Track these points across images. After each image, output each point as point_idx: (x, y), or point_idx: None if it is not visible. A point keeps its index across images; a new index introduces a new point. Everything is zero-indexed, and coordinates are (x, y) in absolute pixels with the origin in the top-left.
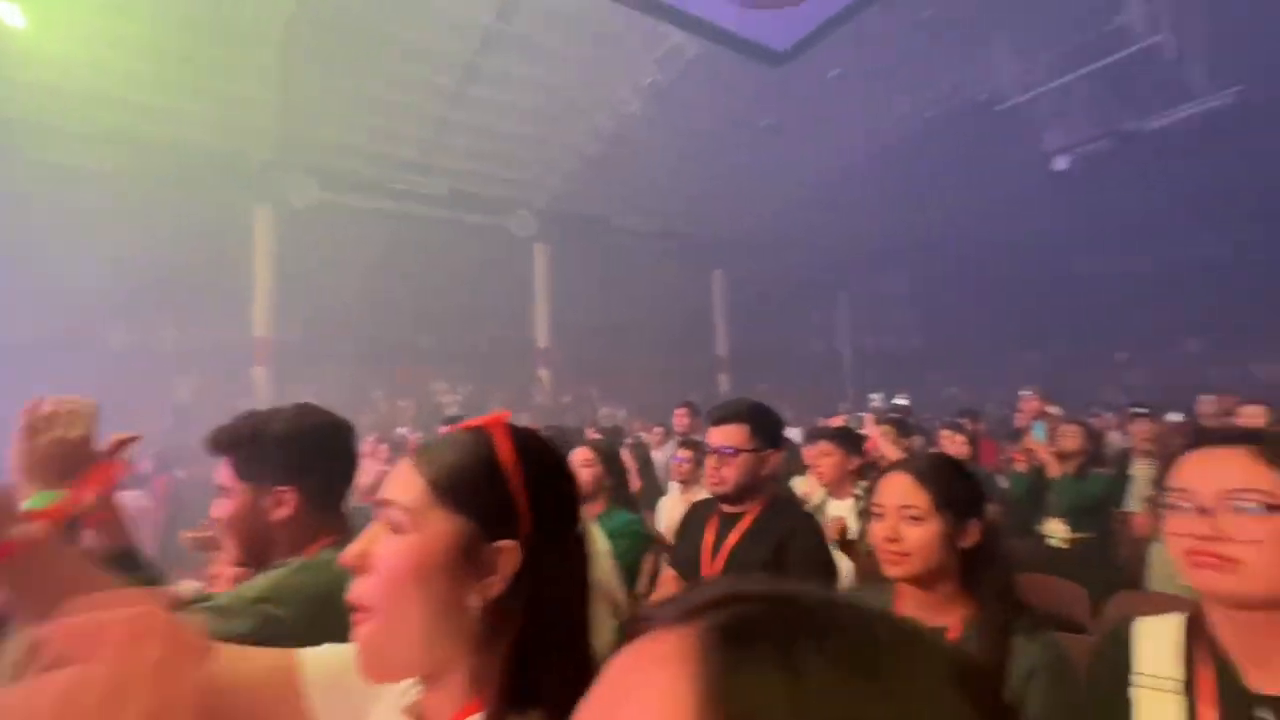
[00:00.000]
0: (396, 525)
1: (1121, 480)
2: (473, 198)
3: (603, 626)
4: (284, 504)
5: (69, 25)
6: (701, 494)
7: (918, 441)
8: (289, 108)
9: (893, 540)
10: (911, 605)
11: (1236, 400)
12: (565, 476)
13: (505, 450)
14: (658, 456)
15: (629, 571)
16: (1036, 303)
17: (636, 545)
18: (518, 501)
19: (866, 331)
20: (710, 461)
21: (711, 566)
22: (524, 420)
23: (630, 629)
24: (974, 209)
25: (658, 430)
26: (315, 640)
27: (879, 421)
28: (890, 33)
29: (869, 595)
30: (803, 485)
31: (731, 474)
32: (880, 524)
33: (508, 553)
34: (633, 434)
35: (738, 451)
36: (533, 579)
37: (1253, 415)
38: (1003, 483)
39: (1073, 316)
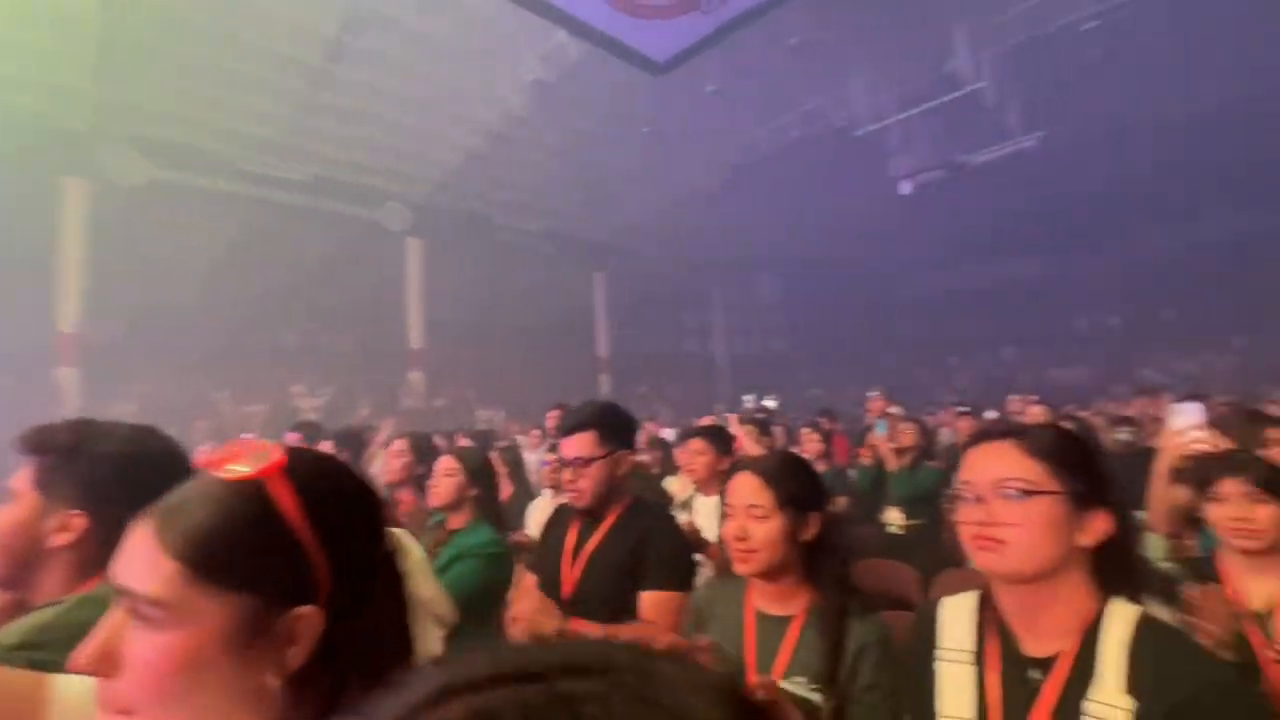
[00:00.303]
0: (148, 620)
1: (950, 472)
2: (340, 186)
3: (428, 641)
4: (67, 530)
5: None
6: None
7: (780, 440)
8: (109, 67)
9: (741, 538)
10: (760, 597)
11: (1035, 400)
12: (366, 511)
13: (287, 503)
14: (532, 459)
15: (485, 590)
16: (885, 312)
17: (492, 565)
18: (313, 561)
19: (740, 336)
20: (565, 474)
21: (572, 571)
22: (393, 424)
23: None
24: (834, 224)
25: (535, 432)
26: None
27: (743, 422)
28: (762, 56)
29: (726, 589)
30: (675, 485)
31: (587, 484)
32: (729, 523)
33: (307, 619)
34: (509, 436)
35: (589, 461)
36: (342, 635)
37: (1035, 414)
38: (853, 476)
39: (915, 325)
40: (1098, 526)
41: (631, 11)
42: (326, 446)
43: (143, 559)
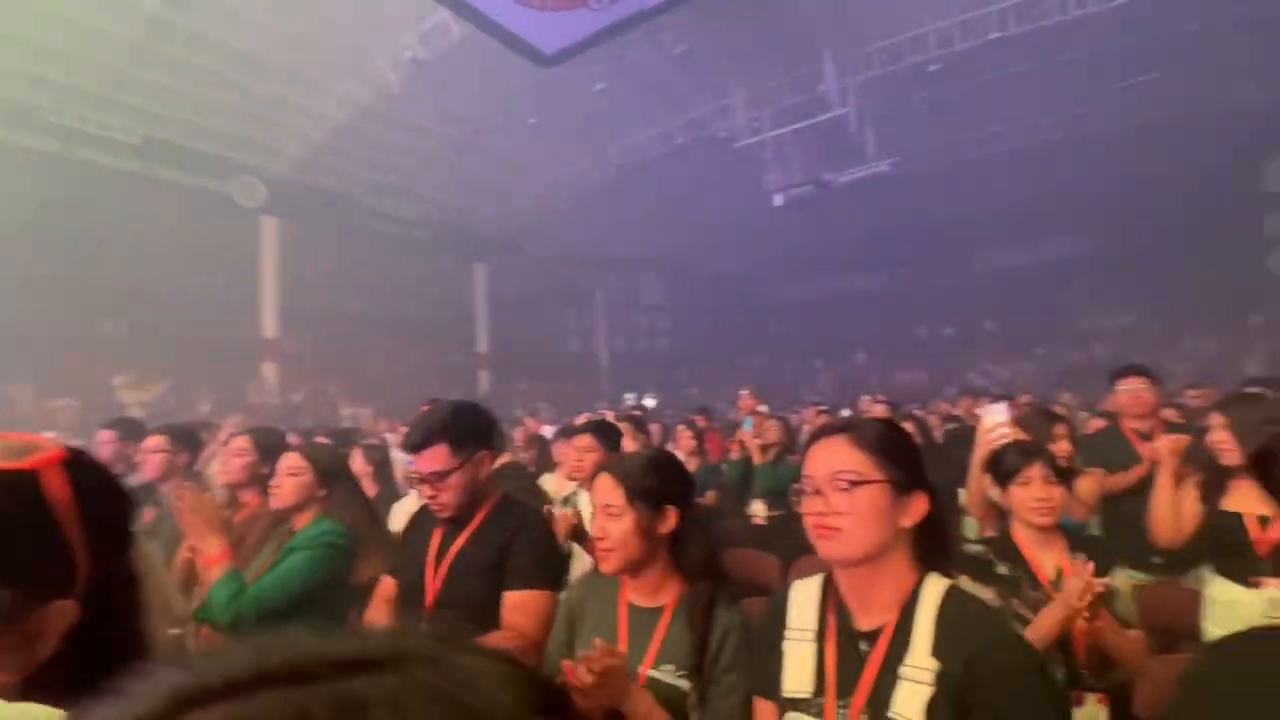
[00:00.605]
0: None
1: None
2: (181, 152)
3: (158, 639)
4: None
5: None
6: None
7: (656, 437)
8: None
9: (600, 538)
10: (632, 591)
11: (881, 400)
12: (126, 513)
13: (60, 499)
14: (401, 458)
15: (313, 584)
16: (758, 315)
17: (322, 558)
18: (77, 558)
19: (622, 335)
20: (423, 489)
21: (435, 576)
22: (240, 421)
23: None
24: (714, 230)
25: (404, 430)
26: None
27: (619, 419)
28: (650, 61)
29: (601, 584)
30: (551, 483)
31: (449, 496)
32: (594, 523)
33: (60, 611)
34: (377, 435)
35: (446, 474)
36: (90, 627)
37: (879, 412)
38: (725, 471)
39: (784, 329)
40: (916, 508)
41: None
42: (155, 443)
43: None
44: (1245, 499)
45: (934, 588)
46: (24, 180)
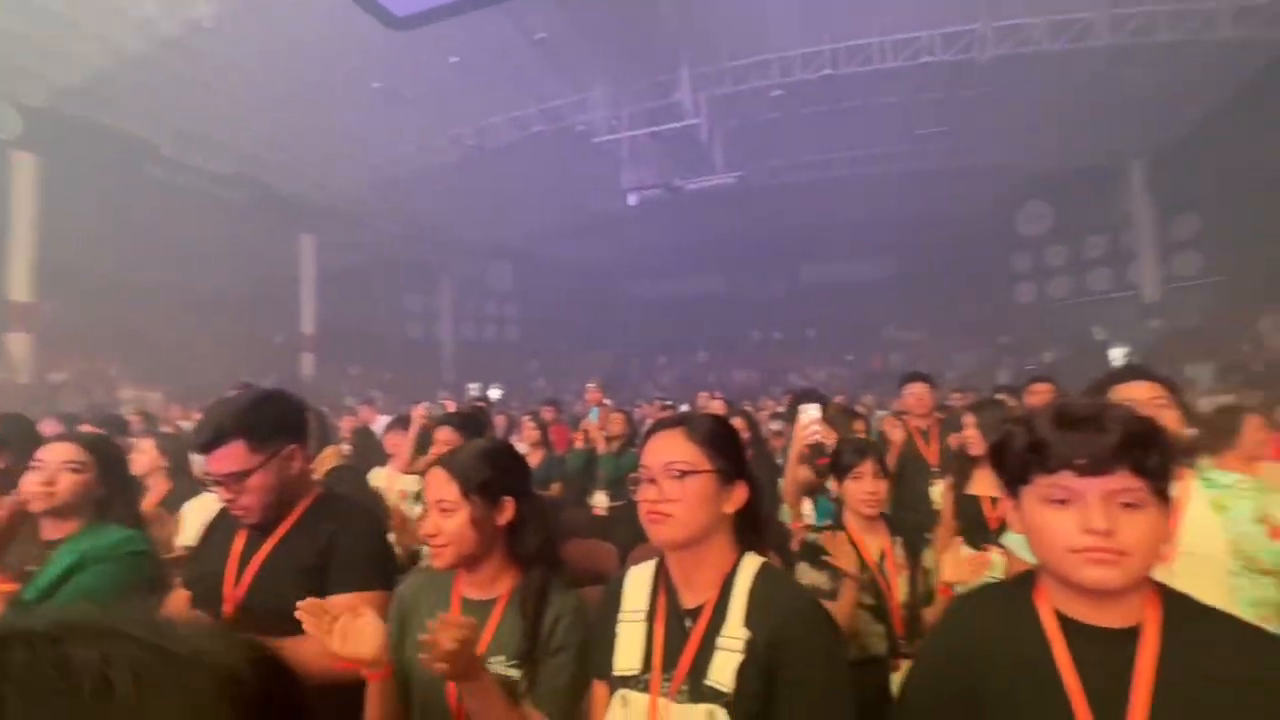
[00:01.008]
0: None
1: None
2: None
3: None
4: None
5: None
6: None
7: (502, 428)
8: None
9: (432, 535)
10: (466, 584)
11: (718, 397)
12: None
13: None
14: None
15: (128, 597)
16: (608, 311)
17: (130, 569)
18: None
19: (470, 322)
20: (221, 492)
21: (238, 584)
22: None
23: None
24: (568, 223)
25: (193, 415)
26: None
27: (464, 410)
28: (510, 42)
29: (436, 579)
30: (383, 478)
31: (250, 500)
32: (425, 520)
33: None
34: (170, 422)
35: (244, 475)
36: None
37: (715, 408)
38: (570, 462)
39: (632, 326)
40: (738, 496)
41: None
42: None
43: None
44: (985, 484)
45: (749, 566)
46: None
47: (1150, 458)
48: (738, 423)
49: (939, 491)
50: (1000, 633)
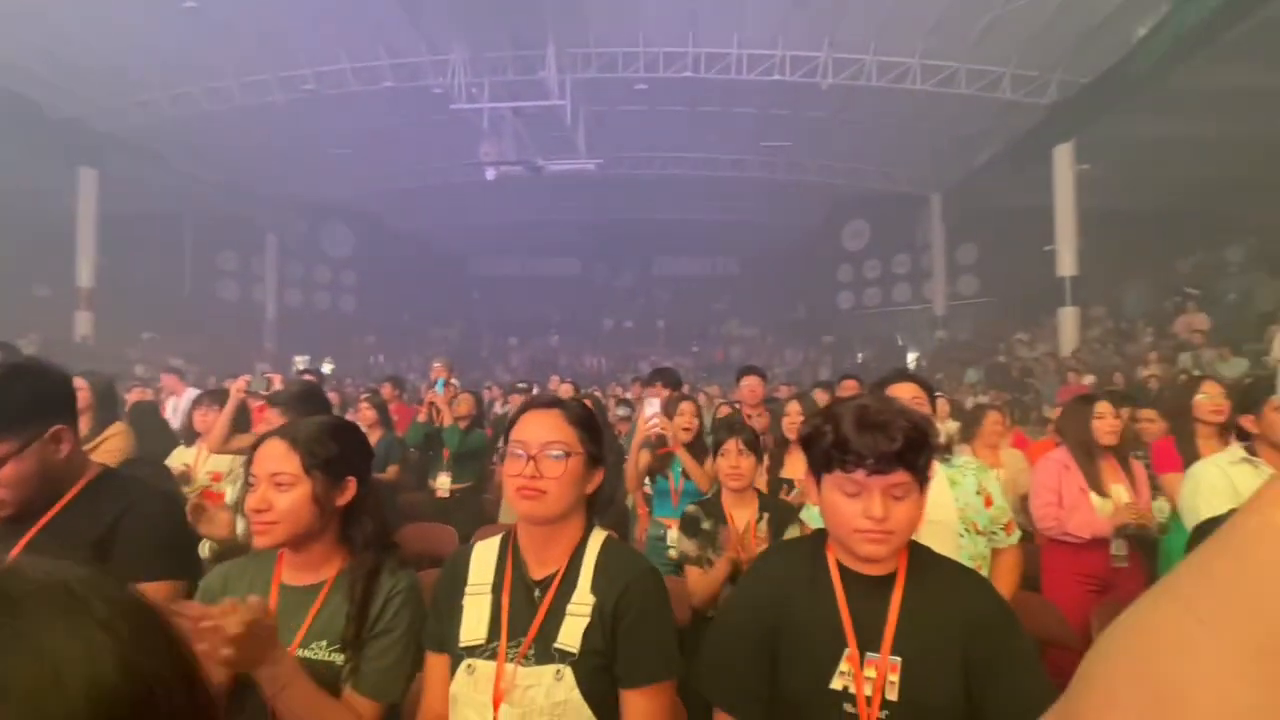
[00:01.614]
0: None
1: (495, 440)
2: None
3: None
4: None
5: None
6: None
7: (335, 406)
8: None
9: (261, 510)
10: (289, 569)
11: (568, 381)
12: None
13: None
14: None
15: None
16: (457, 287)
17: None
18: None
19: (297, 288)
20: None
21: None
22: None
23: None
24: (418, 189)
25: None
26: None
27: (272, 401)
28: None
29: (253, 563)
30: (187, 457)
31: (5, 494)
32: (252, 494)
33: None
34: None
35: None
36: None
37: (565, 392)
38: (410, 442)
39: (482, 305)
40: (597, 478)
41: None
42: None
43: None
44: (796, 466)
45: (596, 539)
46: None
47: (920, 458)
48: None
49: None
50: (799, 577)
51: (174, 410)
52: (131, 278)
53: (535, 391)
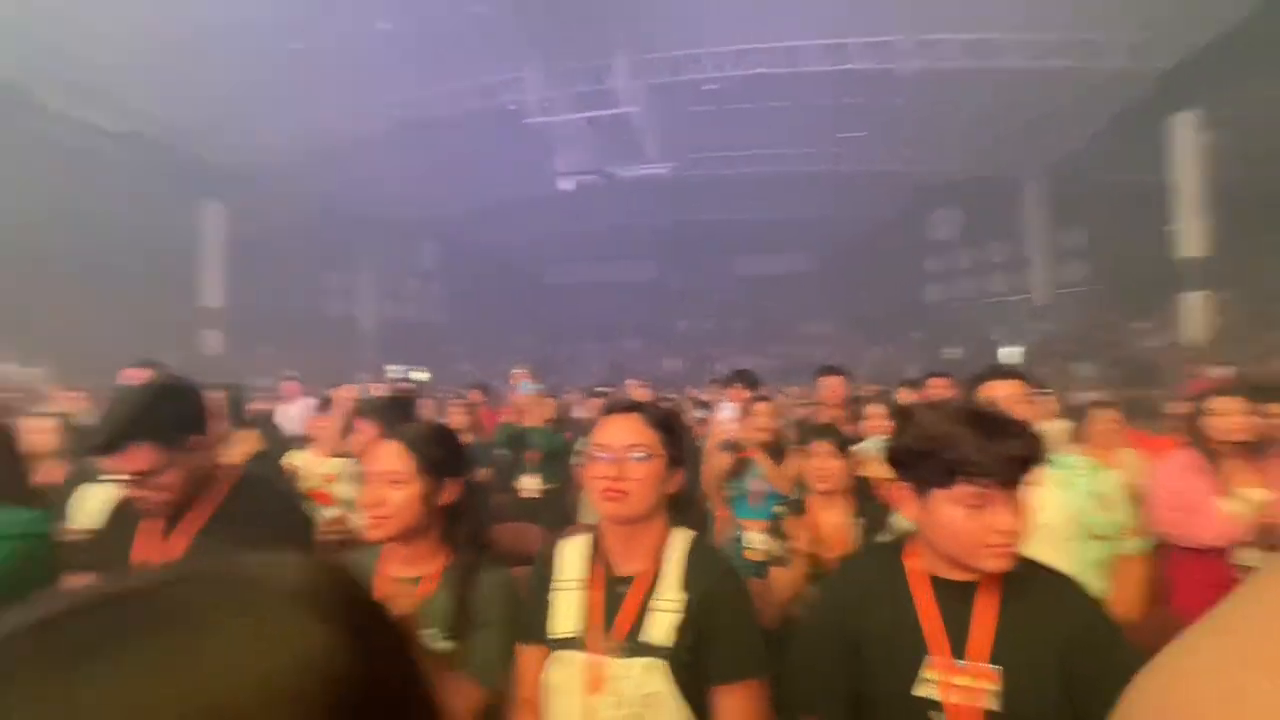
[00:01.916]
0: None
1: (574, 442)
2: None
3: None
4: None
5: None
6: None
7: (429, 412)
8: None
9: (376, 505)
10: (393, 562)
11: (645, 385)
12: None
13: None
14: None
15: (22, 584)
16: (536, 295)
17: (33, 552)
18: None
19: (391, 302)
20: (134, 491)
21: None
22: None
23: None
24: (498, 203)
25: (76, 394)
26: None
27: (394, 392)
28: (442, 12)
29: (357, 558)
30: (300, 459)
31: (161, 496)
32: (366, 490)
33: None
34: (56, 401)
35: (154, 473)
36: None
37: (639, 395)
38: (497, 452)
39: (560, 311)
40: (677, 480)
41: None
42: None
43: None
44: (876, 467)
45: (681, 538)
46: None
47: (1036, 466)
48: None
49: None
50: (878, 582)
51: (286, 416)
52: (251, 297)
53: (613, 395)
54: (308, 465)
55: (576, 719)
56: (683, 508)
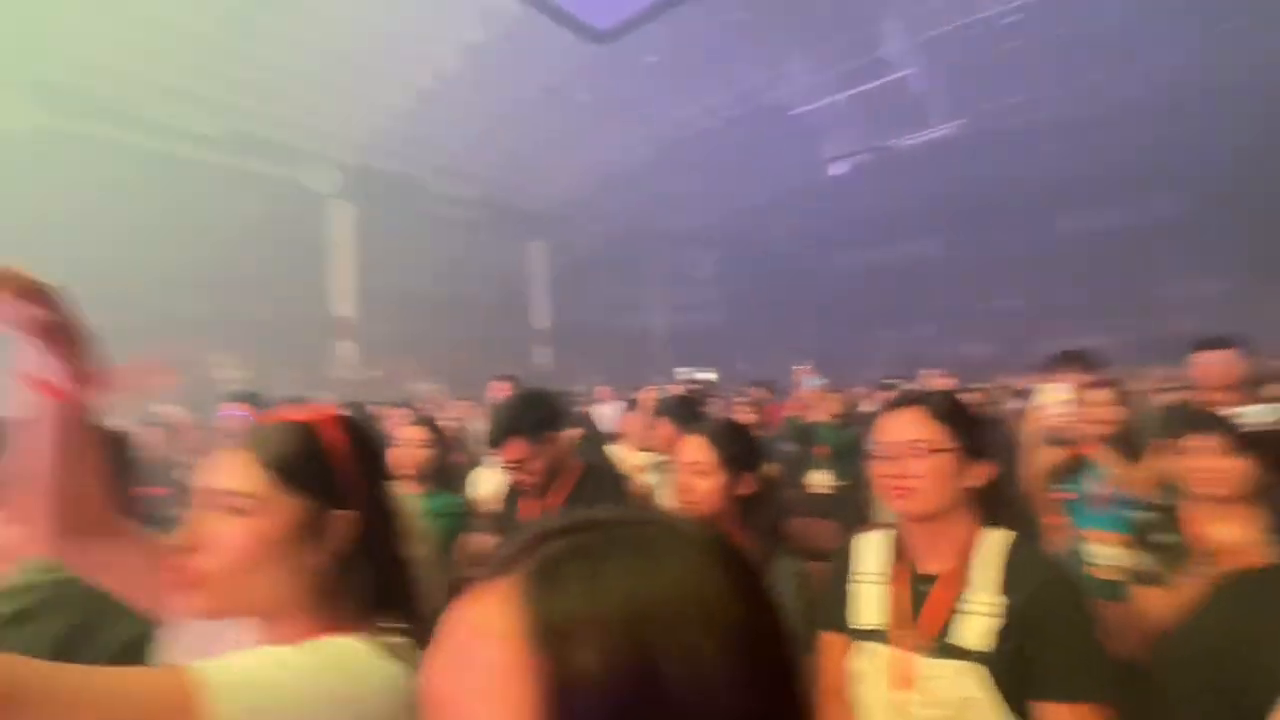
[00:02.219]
0: (237, 509)
1: (866, 435)
2: (262, 143)
3: (434, 588)
4: None
5: None
6: None
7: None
8: None
9: (687, 492)
10: None
11: (943, 374)
12: (382, 458)
13: (338, 439)
14: (472, 429)
15: (447, 548)
16: (814, 287)
17: (457, 525)
18: (350, 483)
19: (673, 309)
20: (515, 476)
21: None
22: (324, 396)
23: (458, 587)
24: (766, 200)
25: (465, 403)
26: None
27: (686, 393)
28: (703, 30)
29: None
30: (615, 453)
31: (532, 478)
32: (678, 479)
33: (343, 521)
34: (450, 408)
35: (526, 460)
36: (368, 537)
37: (937, 384)
38: (784, 447)
39: (841, 301)
40: (980, 473)
41: None
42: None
43: (237, 468)
44: None
45: (995, 537)
46: (122, 171)
47: None
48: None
49: None
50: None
51: (601, 416)
52: (567, 316)
53: (903, 387)
54: (620, 458)
55: (883, 712)
56: (996, 504)
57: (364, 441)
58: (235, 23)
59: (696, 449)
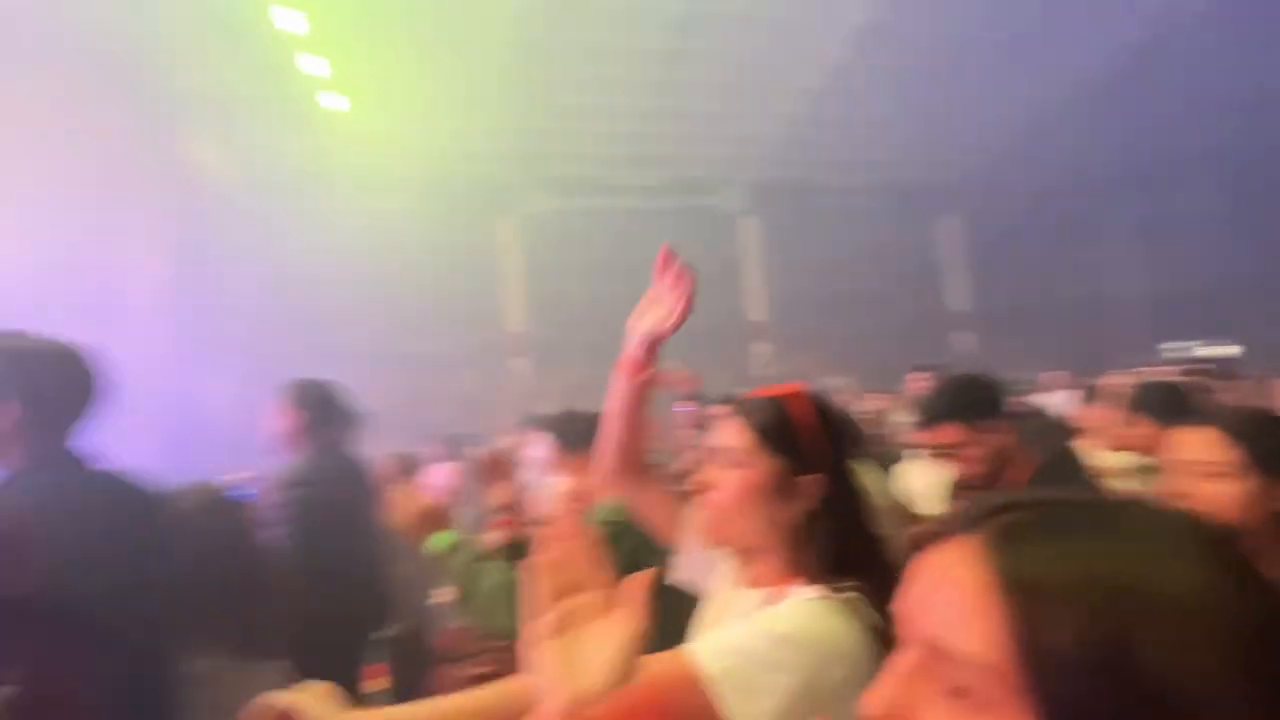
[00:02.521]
0: (733, 462)
1: None
2: (685, 182)
3: (896, 539)
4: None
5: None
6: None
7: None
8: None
9: (1188, 501)
10: None
11: None
12: (850, 431)
13: (806, 413)
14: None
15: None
16: None
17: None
18: (816, 451)
19: (1148, 268)
20: (945, 461)
21: None
22: (745, 393)
23: (922, 539)
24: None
25: (881, 396)
26: None
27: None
28: None
29: None
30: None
31: (969, 469)
32: (1172, 483)
33: (813, 483)
34: (867, 401)
35: (958, 446)
36: (832, 501)
37: None
38: None
39: None
40: None
41: None
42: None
43: (734, 430)
44: None
45: None
46: (599, 230)
47: None
48: None
49: None
50: None
51: (1049, 407)
52: (991, 295)
53: None
54: (1088, 457)
55: None
56: None
57: (830, 418)
58: (651, 87)
59: (1206, 445)
